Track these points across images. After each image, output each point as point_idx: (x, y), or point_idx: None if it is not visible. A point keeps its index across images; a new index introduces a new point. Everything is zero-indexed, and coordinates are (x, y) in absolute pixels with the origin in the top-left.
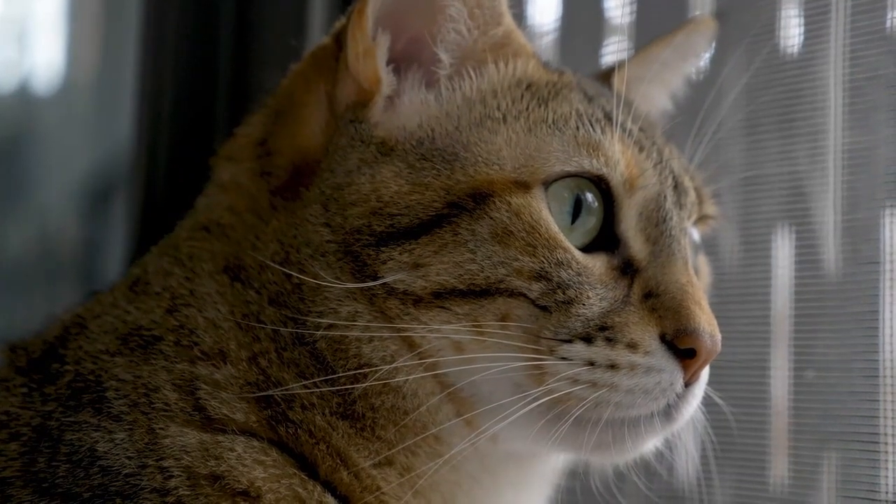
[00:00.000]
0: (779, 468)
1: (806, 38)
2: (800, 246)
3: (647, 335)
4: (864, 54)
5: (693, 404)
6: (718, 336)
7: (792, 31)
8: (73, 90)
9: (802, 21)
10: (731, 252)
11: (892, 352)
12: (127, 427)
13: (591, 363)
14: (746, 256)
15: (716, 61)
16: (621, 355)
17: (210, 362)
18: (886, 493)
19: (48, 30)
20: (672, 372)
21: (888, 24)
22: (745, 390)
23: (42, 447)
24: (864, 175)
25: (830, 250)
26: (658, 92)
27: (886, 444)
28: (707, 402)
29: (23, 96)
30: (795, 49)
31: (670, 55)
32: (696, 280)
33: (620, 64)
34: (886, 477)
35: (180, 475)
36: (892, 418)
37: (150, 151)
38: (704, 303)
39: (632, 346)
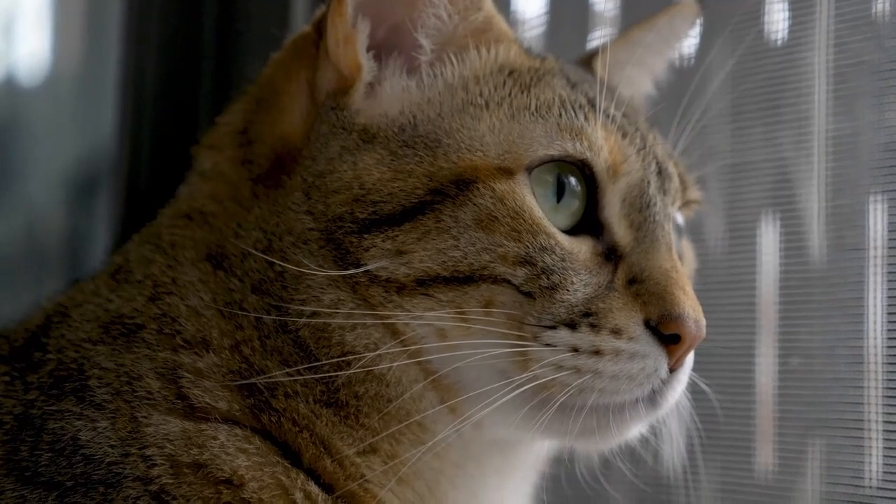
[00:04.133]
0: (764, 455)
1: (791, 25)
2: (785, 233)
3: (632, 321)
4: (849, 41)
5: (678, 390)
6: (703, 321)
7: (777, 18)
8: (57, 82)
9: (787, 7)
10: (716, 239)
11: (876, 338)
12: (109, 415)
13: (576, 349)
14: (732, 244)
15: (701, 48)
16: (605, 341)
17: (193, 350)
18: (870, 478)
19: (33, 21)
20: (656, 358)
21: (873, 10)
22: (731, 377)
23: (24, 436)
24: (850, 162)
25: (816, 237)
26: (641, 76)
27: (871, 430)
28: (693, 388)
29: (7, 88)
30: (780, 35)
31: (653, 38)
32: (681, 266)
33: (603, 48)
34: (871, 463)
35: (163, 463)
36: (877, 405)
37: (135, 142)
38: (689, 288)
39: (616, 332)
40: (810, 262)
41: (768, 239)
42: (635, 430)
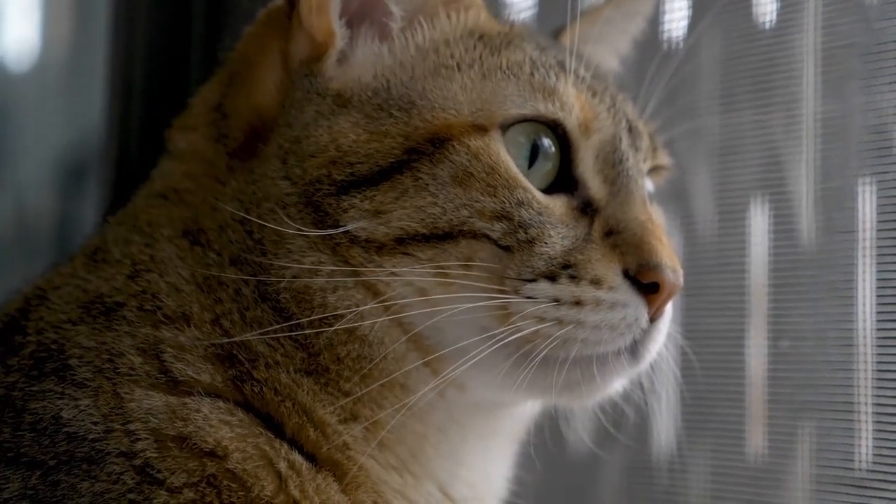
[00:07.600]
0: (755, 438)
1: (780, 7)
2: (775, 216)
3: (611, 271)
4: (837, 23)
5: (659, 341)
6: (680, 271)
7: (765, 0)
8: (46, 67)
9: None
10: (705, 222)
11: (866, 321)
12: (91, 393)
13: (557, 300)
14: (721, 227)
15: (690, 30)
16: (586, 291)
17: (174, 325)
18: (861, 461)
19: (21, 7)
20: (637, 307)
21: None
22: (722, 361)
23: (6, 417)
24: (839, 144)
25: (805, 220)
26: (605, 51)
27: (861, 412)
28: (684, 371)
29: None
30: (769, 18)
31: (614, 14)
32: (656, 217)
33: (571, 21)
34: (861, 445)
35: (147, 437)
36: (867, 387)
37: (123, 127)
38: (665, 239)
39: (596, 283)
40: (800, 244)
41: (758, 222)
42: (618, 383)
